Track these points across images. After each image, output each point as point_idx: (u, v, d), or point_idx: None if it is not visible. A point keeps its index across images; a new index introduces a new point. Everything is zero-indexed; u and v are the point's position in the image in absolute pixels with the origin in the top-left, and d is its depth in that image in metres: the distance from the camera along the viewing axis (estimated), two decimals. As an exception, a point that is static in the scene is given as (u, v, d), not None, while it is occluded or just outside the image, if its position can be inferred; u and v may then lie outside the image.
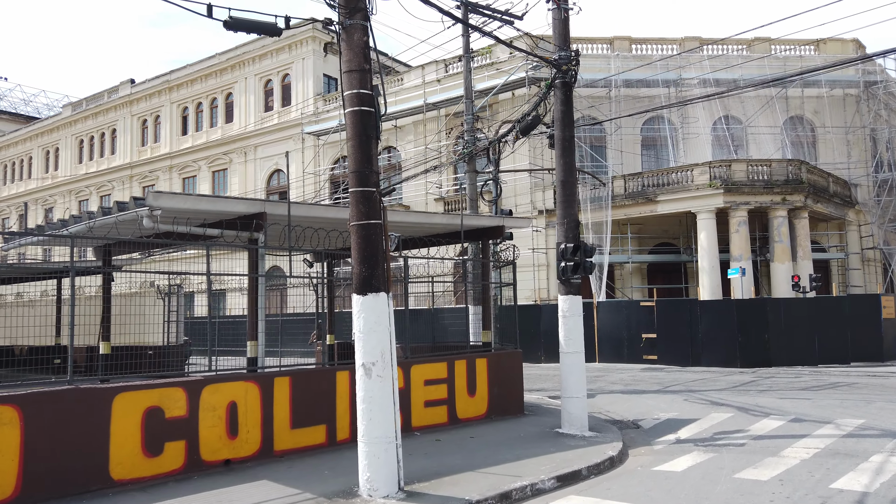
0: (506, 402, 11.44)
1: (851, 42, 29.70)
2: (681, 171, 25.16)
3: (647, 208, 25.80)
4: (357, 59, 6.89)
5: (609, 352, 23.35)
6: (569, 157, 10.66)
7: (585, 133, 28.97)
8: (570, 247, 10.26)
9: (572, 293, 10.51)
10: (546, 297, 27.31)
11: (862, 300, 22.32)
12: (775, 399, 12.68)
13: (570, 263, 10.27)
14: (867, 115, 28.96)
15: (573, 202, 10.69)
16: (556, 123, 10.78)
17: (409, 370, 9.88)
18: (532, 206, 27.97)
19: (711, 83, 27.57)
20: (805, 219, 24.75)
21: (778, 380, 15.99)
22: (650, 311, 22.72)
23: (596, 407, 13.40)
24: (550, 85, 10.96)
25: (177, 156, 41.60)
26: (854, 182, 28.63)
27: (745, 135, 28.73)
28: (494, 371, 11.28)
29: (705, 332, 21.59)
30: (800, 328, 21.23)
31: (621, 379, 17.40)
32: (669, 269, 28.10)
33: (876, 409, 10.97)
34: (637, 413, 12.45)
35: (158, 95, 43.11)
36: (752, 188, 23.98)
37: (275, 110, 37.31)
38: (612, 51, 28.27)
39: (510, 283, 12.46)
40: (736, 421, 10.90)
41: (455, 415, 10.50)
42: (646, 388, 15.30)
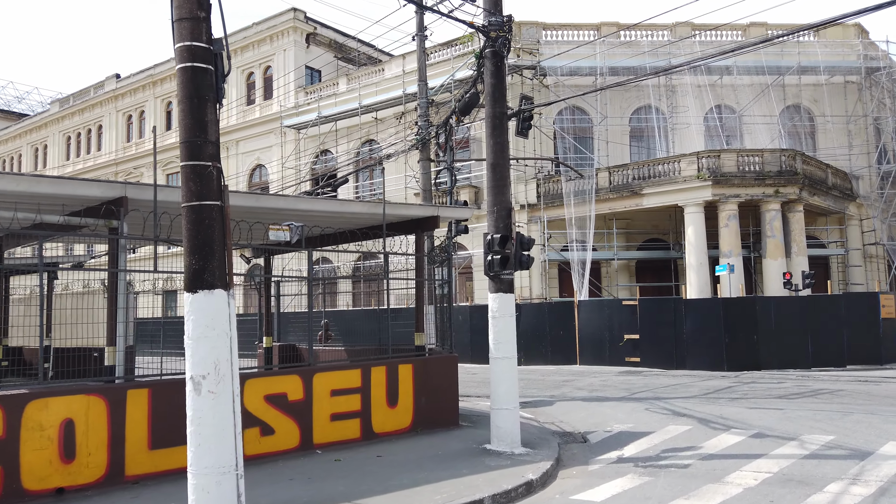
0: (436, 413, 10.24)
1: (853, 27, 28.12)
2: (668, 162, 23.78)
3: (633, 202, 24.45)
4: (188, 4, 5.69)
5: (590, 353, 22.07)
6: (500, 137, 9.43)
7: (570, 124, 27.66)
8: (498, 238, 9.04)
9: (503, 291, 9.29)
10: (527, 296, 26.05)
11: (859, 299, 20.85)
12: (744, 409, 11.38)
13: (498, 257, 9.05)
14: (869, 104, 27.37)
15: (505, 188, 9.47)
16: (487, 98, 9.56)
17: (310, 379, 8.71)
18: (514, 199, 26.68)
19: (703, 70, 26.13)
20: (800, 212, 23.28)
21: (757, 386, 14.66)
22: (633, 310, 21.42)
23: (550, 416, 12.23)
24: (480, 55, 9.72)
25: (161, 151, 40.68)
26: (855, 174, 27.07)
27: (740, 125, 27.28)
28: (422, 378, 10.08)
29: (690, 333, 20.25)
30: (792, 329, 19.82)
31: (590, 384, 16.14)
32: (659, 266, 26.73)
33: (851, 423, 9.65)
34: (591, 424, 11.23)
35: (143, 90, 42.29)
36: (743, 180, 22.55)
37: (256, 103, 36.31)
38: (599, 37, 26.91)
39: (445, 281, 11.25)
40: (691, 435, 9.64)
41: (370, 429, 9.31)
42: (611, 395, 14.04)
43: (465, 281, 28.03)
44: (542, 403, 13.69)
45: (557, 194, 25.81)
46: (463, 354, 24.46)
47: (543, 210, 26.06)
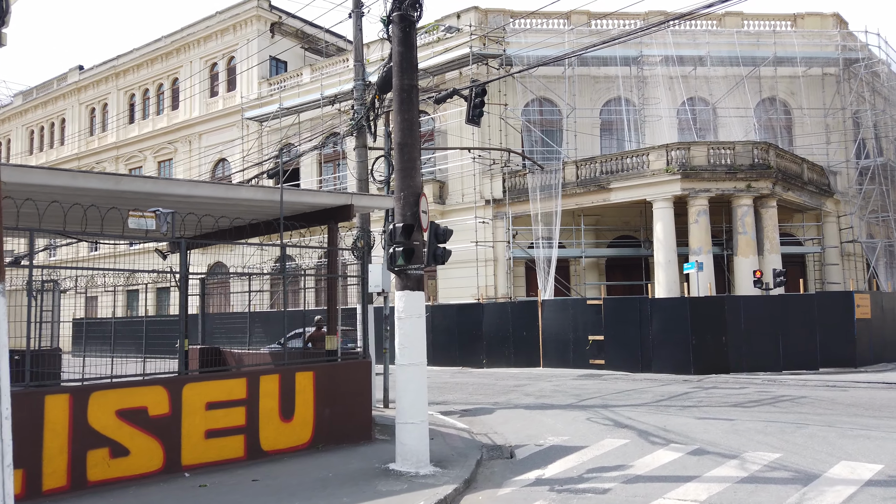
0: (344, 425, 9.10)
1: (831, 17, 27.22)
2: (636, 155, 22.73)
3: (600, 197, 23.39)
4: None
5: (554, 355, 21.00)
6: (409, 113, 8.30)
7: (537, 116, 26.58)
8: (401, 227, 7.90)
9: (410, 288, 8.16)
10: (493, 294, 24.95)
11: (833, 298, 19.87)
12: (692, 419, 10.31)
13: (400, 248, 7.92)
14: (848, 96, 26.45)
15: (414, 171, 8.34)
16: (394, 69, 8.42)
17: (179, 390, 7.54)
18: (479, 194, 25.59)
19: (675, 61, 25.12)
20: (773, 208, 22.29)
21: (717, 392, 13.61)
22: (597, 310, 20.37)
23: (486, 426, 11.16)
24: (387, 20, 8.57)
25: (123, 145, 39.38)
26: (833, 169, 26.14)
27: (714, 118, 26.28)
28: (326, 387, 8.94)
29: (656, 335, 19.23)
30: (762, 330, 18.83)
31: (541, 390, 15.05)
32: (630, 264, 25.70)
33: (804, 438, 8.60)
34: (525, 436, 10.15)
35: (106, 82, 40.89)
36: (714, 174, 21.53)
37: (220, 95, 35.03)
38: (568, 26, 25.84)
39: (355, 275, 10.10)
40: (626, 451, 8.56)
41: (257, 446, 8.16)
42: (558, 402, 12.95)
43: (428, 279, 26.89)
44: (482, 411, 12.61)
45: (524, 189, 24.73)
46: (424, 356, 23.45)
47: (509, 206, 24.96)
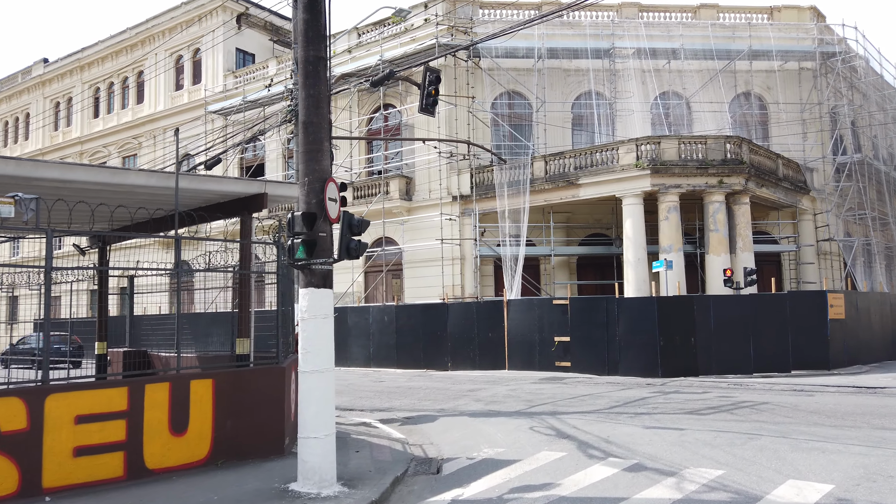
0: (251, 439, 8.21)
1: (809, 10, 26.60)
2: (606, 150, 21.95)
3: (569, 193, 22.59)
4: None
5: (520, 358, 20.19)
6: (314, 88, 7.43)
7: (507, 110, 25.76)
8: (300, 216, 7.01)
9: (315, 285, 7.29)
10: (460, 294, 24.09)
11: (806, 298, 19.16)
12: (640, 429, 9.50)
13: (298, 240, 7.03)
14: (824, 91, 25.83)
15: (320, 153, 7.46)
16: (299, 39, 7.55)
17: (40, 402, 6.61)
18: (446, 190, 24.72)
19: (648, 54, 24.38)
20: (746, 204, 21.58)
21: (677, 397, 12.82)
22: (564, 310, 19.57)
23: (424, 436, 10.33)
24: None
25: (87, 140, 38.19)
26: (809, 166, 25.49)
27: (688, 113, 25.56)
28: (229, 397, 8.04)
29: (623, 336, 18.46)
30: (733, 331, 18.11)
31: (494, 395, 14.21)
32: (601, 262, 24.92)
33: (753, 451, 7.79)
34: (461, 447, 9.32)
35: (70, 75, 39.68)
36: (685, 169, 20.79)
37: (185, 88, 33.96)
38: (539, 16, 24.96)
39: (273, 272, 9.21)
40: (559, 466, 7.74)
41: (140, 464, 7.24)
42: (506, 409, 12.11)
43: (392, 278, 26.00)
44: (425, 419, 11.75)
45: (492, 185, 23.89)
46: (386, 359, 22.57)
47: (476, 202, 24.11)
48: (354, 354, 23.03)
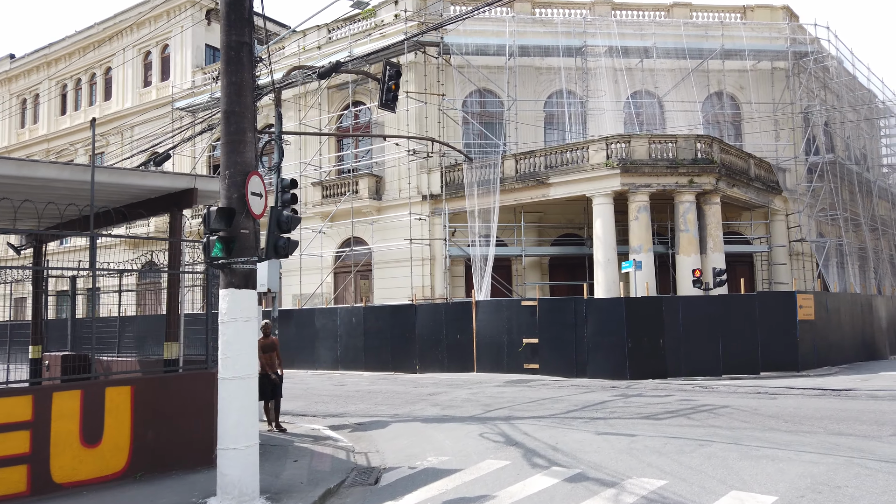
0: (177, 449, 7.73)
1: (782, 9, 26.52)
2: (576, 149, 21.64)
3: (539, 192, 22.25)
4: None
5: (488, 360, 19.80)
6: (238, 75, 6.98)
7: (478, 108, 25.39)
8: (216, 211, 6.54)
9: (235, 286, 6.82)
10: (430, 295, 23.66)
11: (775, 299, 18.98)
12: (592, 435, 9.14)
13: (214, 238, 6.57)
14: (797, 91, 25.75)
15: (243, 144, 7.00)
16: (221, 23, 7.10)
17: (-74, 411, 6.09)
18: (416, 189, 24.28)
19: (619, 52, 24.13)
20: (717, 204, 21.37)
21: (638, 400, 12.49)
22: (532, 311, 19.21)
23: (370, 444, 9.92)
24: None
25: (54, 138, 37.29)
26: (782, 166, 25.38)
27: (661, 113, 25.35)
28: (151, 405, 7.55)
29: (591, 337, 18.14)
30: (702, 332, 17.85)
31: (453, 399, 13.80)
32: (574, 263, 24.60)
33: (701, 459, 7.45)
34: (405, 456, 8.92)
35: (37, 71, 38.73)
36: (655, 168, 20.53)
37: (153, 85, 33.23)
38: (511, 14, 24.69)
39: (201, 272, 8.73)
40: (499, 476, 7.36)
41: (47, 478, 6.74)
42: (461, 414, 11.71)
43: (361, 279, 25.51)
44: (376, 425, 11.32)
45: (463, 184, 23.48)
46: (354, 361, 22.07)
47: (446, 201, 23.70)
48: (322, 357, 22.51)
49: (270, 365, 10.51)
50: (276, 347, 10.69)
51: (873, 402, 11.41)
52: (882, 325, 23.36)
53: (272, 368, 10.55)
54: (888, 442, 7.96)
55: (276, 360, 10.65)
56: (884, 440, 8.07)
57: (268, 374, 10.37)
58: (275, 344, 10.68)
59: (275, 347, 10.66)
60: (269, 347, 10.52)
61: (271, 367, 10.52)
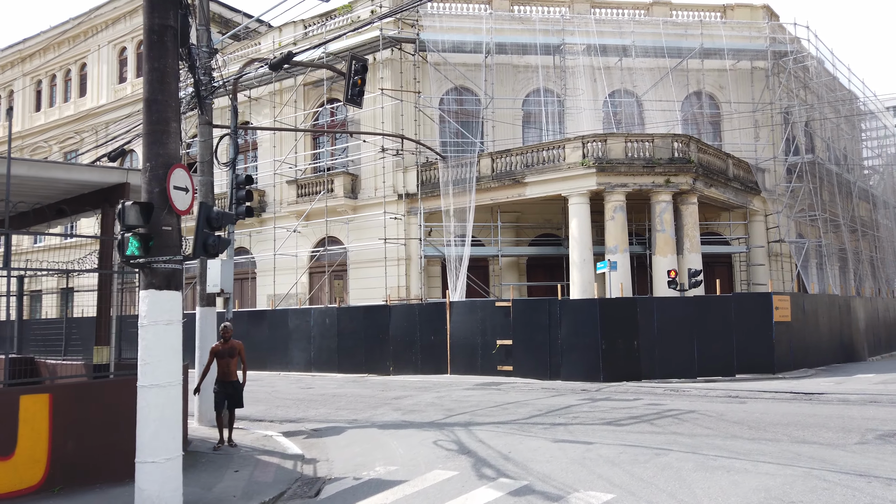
0: (102, 460, 7.29)
1: (762, 8, 26.33)
2: (552, 147, 21.29)
3: (515, 191, 21.89)
4: None
5: (462, 362, 19.42)
6: (160, 61, 6.54)
7: (456, 106, 24.99)
8: (130, 206, 6.09)
9: (156, 286, 6.37)
10: (406, 295, 23.24)
11: (751, 300, 18.73)
12: (549, 442, 8.77)
13: (130, 234, 6.12)
14: (777, 91, 25.55)
15: (166, 135, 6.56)
16: (143, 5, 6.64)
17: None
18: (392, 189, 23.85)
19: (598, 51, 23.82)
20: (693, 204, 21.09)
21: (603, 405, 12.12)
22: (506, 312, 18.85)
23: (322, 452, 9.55)
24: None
25: (27, 135, 36.54)
26: (761, 167, 25.17)
27: (640, 112, 25.06)
28: (73, 414, 7.10)
29: (565, 339, 17.79)
30: (677, 333, 17.55)
31: (417, 403, 13.39)
32: (551, 263, 24.26)
33: (655, 470, 7.08)
34: (354, 465, 8.54)
35: (11, 67, 37.93)
36: (631, 167, 20.22)
37: (128, 81, 32.58)
38: (489, 11, 24.31)
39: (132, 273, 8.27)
40: (443, 489, 6.97)
41: (-51, 492, 6.25)
42: (421, 420, 11.30)
43: (336, 279, 25.05)
44: (333, 431, 10.91)
45: (439, 183, 23.08)
46: (327, 363, 21.60)
47: (422, 200, 23.29)
48: (295, 359, 22.03)
49: (227, 372, 9.62)
50: (237, 353, 9.76)
51: (843, 407, 11.11)
52: (860, 327, 23.17)
53: (230, 376, 9.66)
54: (852, 451, 7.63)
55: (234, 367, 9.72)
56: (848, 449, 7.74)
57: (225, 383, 9.59)
58: (236, 349, 9.74)
59: (236, 353, 9.74)
60: (227, 353, 9.67)
61: (227, 375, 9.63)
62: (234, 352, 9.62)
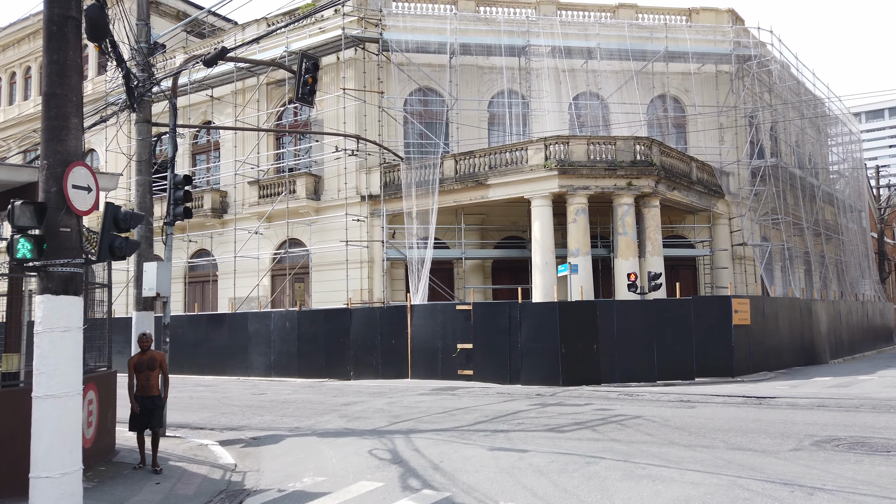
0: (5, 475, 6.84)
1: (727, 12, 26.47)
2: (515, 149, 21.14)
3: (479, 193, 21.69)
4: None
5: (423, 366, 19.16)
6: (60, 53, 6.24)
7: (421, 107, 24.76)
8: (20, 205, 5.75)
9: (53, 291, 6.03)
10: (369, 299, 22.91)
11: (710, 303, 18.73)
12: (484, 450, 8.55)
13: (20, 236, 5.77)
14: (741, 94, 25.69)
15: (65, 132, 6.23)
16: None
17: None
18: (355, 190, 23.53)
19: (562, 52, 23.74)
20: (656, 207, 21.06)
21: (551, 410, 11.94)
22: (467, 315, 18.62)
23: (255, 462, 9.26)
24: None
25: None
26: (726, 170, 25.28)
27: (605, 114, 25.02)
28: (-31, 424, 6.67)
29: (525, 342, 17.64)
30: (637, 337, 17.48)
31: (366, 409, 13.10)
32: (517, 266, 24.08)
33: (579, 480, 6.89)
34: (283, 476, 8.25)
35: (-31, 64, 36.89)
36: (593, 170, 20.12)
37: (90, 79, 31.84)
38: (454, 11, 24.11)
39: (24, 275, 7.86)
40: (367, 501, 6.81)
41: None
42: (364, 427, 11.01)
43: (297, 282, 24.65)
44: (270, 440, 10.57)
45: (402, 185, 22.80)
46: (288, 367, 21.20)
47: (385, 202, 23.00)
48: (254, 363, 21.59)
49: (147, 386, 8.57)
50: (158, 365, 8.73)
51: (790, 412, 11.04)
52: (822, 330, 23.33)
53: (150, 391, 8.60)
54: (784, 458, 7.51)
55: (155, 381, 8.68)
56: (781, 456, 7.61)
57: (144, 398, 8.54)
58: (156, 360, 8.70)
59: (156, 365, 8.71)
60: (145, 365, 8.61)
61: (147, 390, 8.57)
62: (154, 363, 8.63)
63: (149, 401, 8.53)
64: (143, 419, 8.53)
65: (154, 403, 8.58)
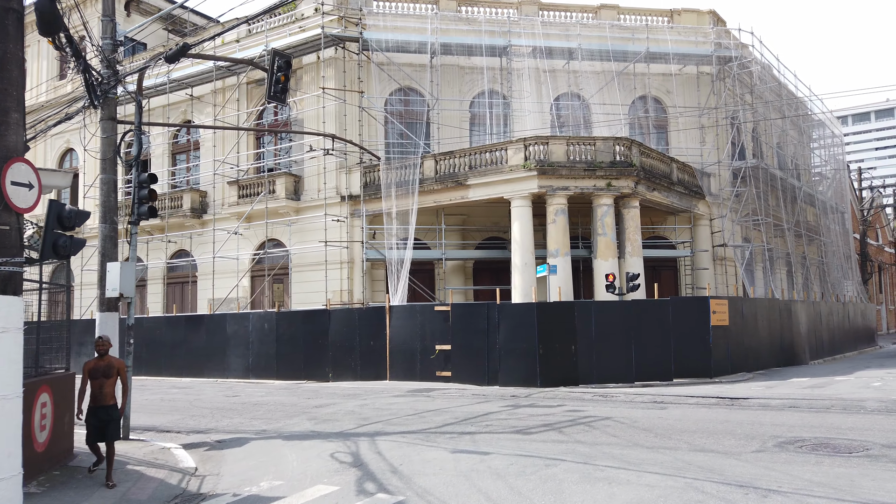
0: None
1: (708, 14, 26.53)
2: (495, 149, 21.06)
3: (459, 194, 21.59)
4: None
5: (401, 367, 19.03)
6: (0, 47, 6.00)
7: (402, 107, 24.63)
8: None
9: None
10: (349, 300, 22.75)
11: (688, 304, 18.71)
12: (448, 453, 8.45)
13: (-48, 237, 5.59)
14: (722, 95, 25.75)
15: (6, 126, 6.09)
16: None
17: None
18: (335, 190, 23.36)
19: (544, 52, 23.70)
20: (636, 208, 21.03)
21: (522, 412, 11.85)
22: (445, 317, 18.51)
23: (216, 465, 9.15)
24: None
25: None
26: (707, 171, 25.32)
27: (587, 115, 25.00)
28: None
29: (503, 344, 17.55)
30: (615, 338, 17.43)
31: (336, 412, 12.95)
32: (498, 267, 23.99)
33: (535, 483, 6.80)
34: (241, 480, 8.11)
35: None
36: (572, 170, 20.07)
37: (68, 78, 31.46)
38: (435, 11, 24.00)
39: None
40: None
41: None
42: (331, 430, 10.87)
43: (276, 283, 24.45)
44: (235, 443, 10.41)
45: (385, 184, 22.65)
46: (266, 369, 21.00)
47: (365, 203, 22.85)
48: (232, 365, 21.38)
49: (100, 395, 7.90)
50: (115, 373, 8.06)
51: (760, 413, 11.00)
52: (801, 331, 23.38)
53: (104, 399, 7.91)
54: (745, 460, 7.43)
55: (111, 390, 8.00)
56: (742, 458, 7.55)
57: (97, 408, 7.88)
58: (113, 367, 8.03)
59: (113, 373, 8.02)
60: (101, 372, 7.96)
61: (101, 399, 7.90)
62: (111, 371, 7.94)
63: (102, 411, 7.86)
64: (96, 432, 7.91)
65: (108, 415, 7.89)
